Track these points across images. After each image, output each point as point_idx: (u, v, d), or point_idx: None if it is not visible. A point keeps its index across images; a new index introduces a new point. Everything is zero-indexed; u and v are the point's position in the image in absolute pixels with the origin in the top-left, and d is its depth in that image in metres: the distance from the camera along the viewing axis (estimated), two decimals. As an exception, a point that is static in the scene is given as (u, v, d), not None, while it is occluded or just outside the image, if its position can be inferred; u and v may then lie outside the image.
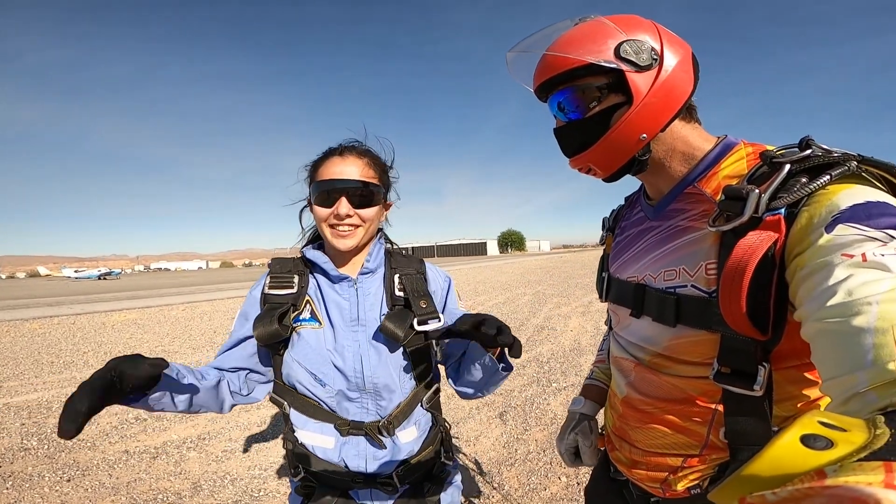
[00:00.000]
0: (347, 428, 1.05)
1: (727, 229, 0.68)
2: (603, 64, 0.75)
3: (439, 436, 1.18)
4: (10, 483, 2.94)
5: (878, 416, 0.35)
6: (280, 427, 3.79)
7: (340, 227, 1.05)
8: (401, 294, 1.11)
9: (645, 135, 0.78)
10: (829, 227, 0.57)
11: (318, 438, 1.06)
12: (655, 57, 0.76)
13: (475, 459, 3.09)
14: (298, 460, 1.08)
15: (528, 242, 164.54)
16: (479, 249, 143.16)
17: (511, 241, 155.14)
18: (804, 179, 0.63)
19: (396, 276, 1.13)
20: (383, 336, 1.04)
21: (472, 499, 2.62)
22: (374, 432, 1.05)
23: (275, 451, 3.38)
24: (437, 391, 1.18)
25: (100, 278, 61.37)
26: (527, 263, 36.74)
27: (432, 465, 1.15)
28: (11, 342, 8.30)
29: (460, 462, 3.06)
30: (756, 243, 0.62)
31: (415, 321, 1.04)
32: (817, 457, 0.29)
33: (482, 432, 3.57)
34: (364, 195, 1.05)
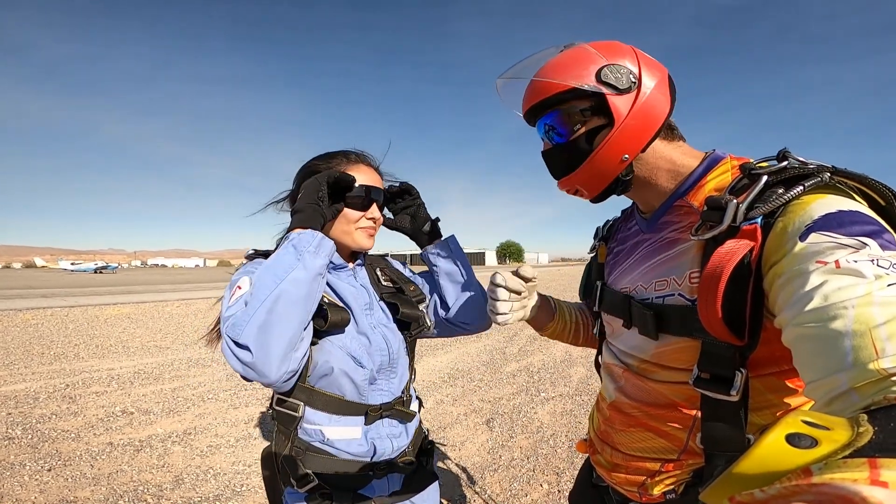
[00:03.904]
0: (379, 412, 1.07)
1: (708, 237, 0.70)
2: (585, 88, 0.78)
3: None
4: (-9, 470, 2.93)
5: (860, 414, 0.36)
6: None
7: (369, 229, 1.11)
8: (388, 283, 1.19)
9: (627, 155, 0.81)
10: (804, 236, 0.59)
11: (344, 431, 1.05)
12: (634, 80, 0.79)
13: (460, 464, 3.09)
14: (310, 465, 1.02)
15: (526, 254, 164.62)
16: (477, 259, 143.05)
17: (510, 253, 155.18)
18: (780, 190, 0.66)
19: (378, 269, 1.21)
20: (397, 320, 1.15)
21: (453, 503, 2.62)
22: (401, 406, 1.12)
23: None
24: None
25: (96, 272, 61.18)
26: (524, 275, 36.77)
27: (422, 439, 1.23)
28: (3, 332, 8.27)
29: (445, 467, 3.06)
30: (732, 250, 0.64)
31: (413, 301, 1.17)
32: (803, 455, 0.30)
33: (468, 438, 3.57)
34: (382, 203, 1.14)
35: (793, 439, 0.31)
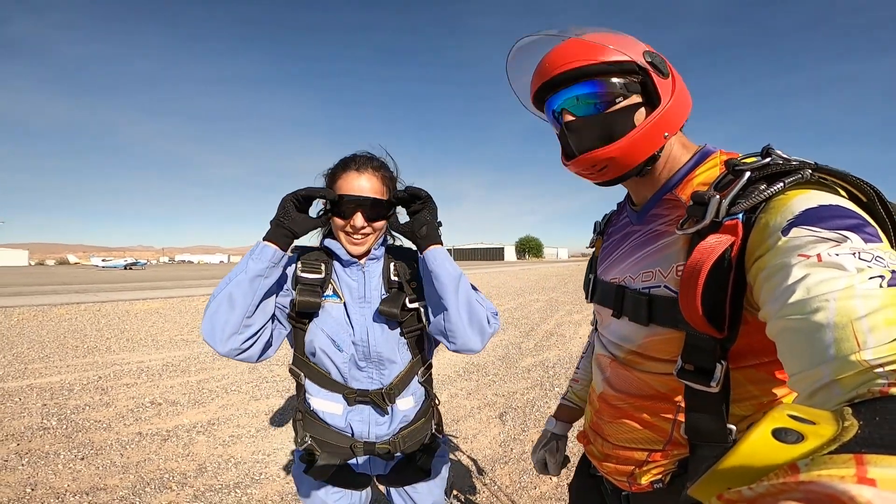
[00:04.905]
0: (354, 396, 1.20)
1: (691, 232, 0.72)
2: (640, 63, 0.80)
3: (431, 409, 1.33)
4: (27, 460, 3.09)
5: (845, 407, 0.35)
6: (287, 416, 3.92)
7: (355, 236, 1.18)
8: (395, 279, 1.25)
9: (668, 133, 0.83)
10: (785, 231, 0.60)
11: (328, 405, 1.22)
12: (667, 70, 0.83)
13: (471, 456, 3.15)
14: (307, 428, 1.23)
15: (545, 249, 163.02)
16: (496, 254, 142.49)
17: (529, 248, 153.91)
18: (762, 186, 0.67)
19: (392, 265, 1.27)
20: (383, 315, 1.20)
21: (464, 494, 2.68)
22: (379, 399, 1.20)
23: (279, 438, 3.49)
24: (430, 367, 1.32)
25: (126, 268, 62.90)
26: (543, 270, 36.49)
27: (425, 436, 1.29)
28: (39, 326, 8.66)
29: (456, 458, 3.12)
30: (713, 245, 0.66)
31: (407, 300, 1.20)
32: (789, 450, 0.30)
33: (480, 431, 3.63)
34: (377, 210, 1.18)
35: (779, 434, 0.31)
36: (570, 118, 0.85)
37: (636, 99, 0.82)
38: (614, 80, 0.81)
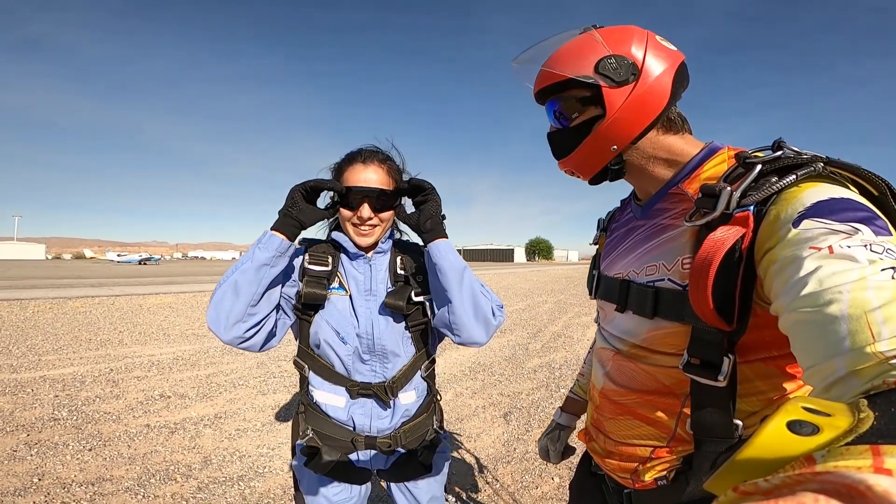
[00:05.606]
0: (357, 389, 1.20)
1: (700, 224, 0.72)
2: (580, 79, 0.81)
3: (433, 405, 1.33)
4: (36, 450, 3.14)
5: (860, 399, 0.35)
6: (293, 411, 3.94)
7: (362, 227, 1.20)
8: (402, 272, 1.26)
9: (615, 146, 0.84)
10: (796, 223, 0.60)
11: (331, 398, 1.22)
12: (634, 73, 0.79)
13: (474, 455, 3.15)
14: (309, 421, 1.23)
15: (556, 251, 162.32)
16: (506, 256, 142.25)
17: (538, 250, 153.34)
18: (774, 179, 0.67)
19: (399, 258, 1.28)
20: (388, 308, 1.20)
21: (465, 492, 2.68)
22: (381, 392, 1.20)
23: (284, 433, 3.52)
24: (433, 362, 1.32)
25: (140, 263, 63.73)
26: (552, 272, 36.36)
27: (426, 432, 1.29)
28: (54, 319, 8.81)
29: (459, 456, 3.12)
30: (724, 237, 0.65)
31: (412, 293, 1.20)
32: (805, 442, 0.30)
33: (484, 430, 3.62)
34: (383, 201, 1.19)
35: (794, 426, 0.31)
36: (550, 129, 0.95)
37: (595, 111, 0.84)
38: (569, 96, 0.87)
